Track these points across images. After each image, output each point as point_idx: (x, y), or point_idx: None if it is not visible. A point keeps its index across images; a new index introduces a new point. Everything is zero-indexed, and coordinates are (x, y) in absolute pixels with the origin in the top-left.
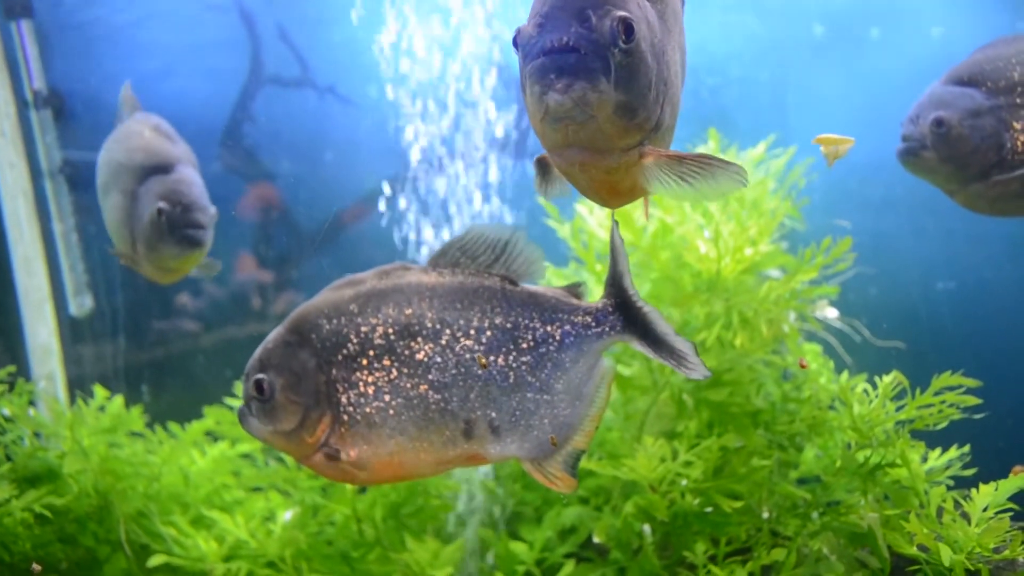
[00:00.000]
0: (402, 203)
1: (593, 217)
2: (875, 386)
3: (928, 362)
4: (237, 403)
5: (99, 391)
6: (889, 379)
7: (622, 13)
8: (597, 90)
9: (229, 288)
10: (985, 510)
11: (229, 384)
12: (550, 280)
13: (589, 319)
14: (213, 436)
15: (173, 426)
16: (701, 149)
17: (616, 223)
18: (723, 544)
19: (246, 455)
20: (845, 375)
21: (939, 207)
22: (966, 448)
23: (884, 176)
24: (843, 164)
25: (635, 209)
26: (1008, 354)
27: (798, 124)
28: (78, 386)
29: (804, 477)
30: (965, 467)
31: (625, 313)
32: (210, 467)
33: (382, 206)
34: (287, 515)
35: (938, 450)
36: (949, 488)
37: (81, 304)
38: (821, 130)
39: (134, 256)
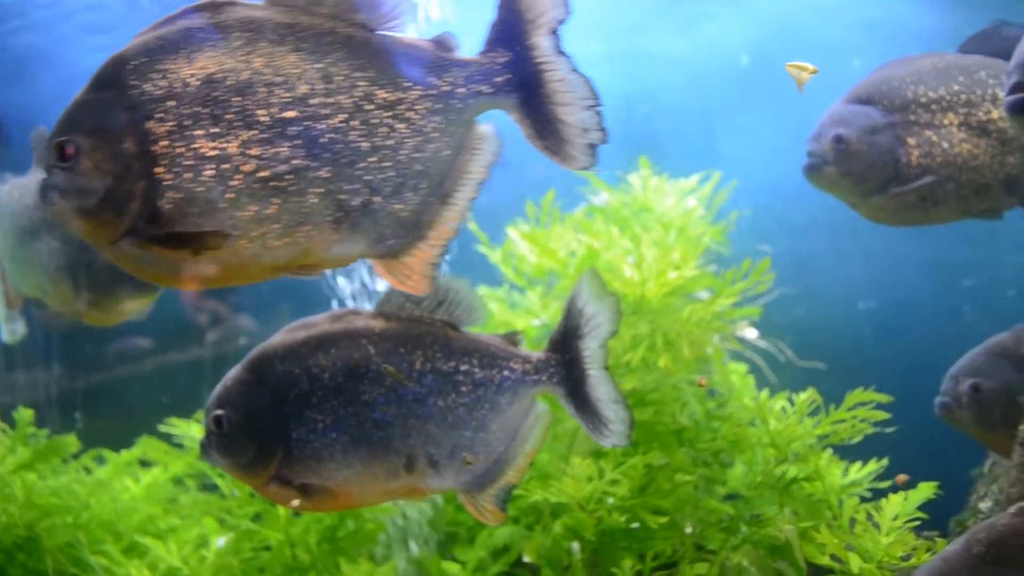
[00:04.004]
0: None
1: (524, 242)
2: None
3: (850, 378)
4: (170, 430)
5: (23, 417)
6: (805, 396)
7: None
8: None
9: (169, 315)
10: (895, 519)
11: (166, 411)
12: (486, 301)
13: (529, 367)
14: (150, 463)
15: (107, 454)
16: (633, 177)
17: (582, 282)
18: (649, 559)
19: (179, 481)
20: (765, 393)
21: (860, 230)
22: (884, 461)
23: (808, 201)
24: (769, 189)
25: (556, 240)
26: (926, 368)
27: (726, 152)
28: (9, 414)
29: (734, 493)
30: (891, 478)
31: (567, 369)
32: (143, 494)
33: None
34: (220, 541)
35: (859, 463)
36: (868, 499)
37: (13, 331)
38: (748, 158)
39: (75, 304)
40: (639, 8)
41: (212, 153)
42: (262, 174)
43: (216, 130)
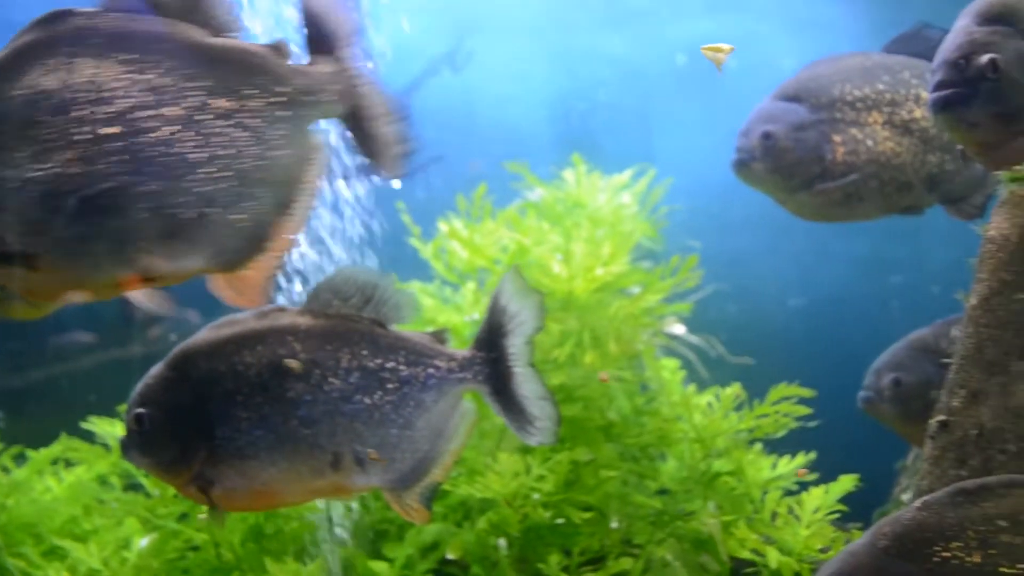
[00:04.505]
0: None
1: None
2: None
3: (782, 373)
4: (94, 428)
5: None
6: (730, 391)
7: None
8: None
9: (111, 310)
10: (816, 512)
11: (93, 409)
12: (419, 295)
13: (454, 364)
14: (74, 463)
15: (30, 453)
16: (567, 173)
17: (505, 279)
18: (576, 555)
19: (104, 481)
20: (692, 388)
21: (792, 228)
22: (812, 455)
23: (742, 198)
24: (704, 187)
25: (487, 236)
26: (855, 363)
27: (663, 149)
28: None
29: (665, 488)
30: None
31: (491, 367)
32: (66, 495)
33: None
34: (143, 542)
35: (788, 457)
36: (795, 492)
37: None
38: (684, 155)
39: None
40: (576, 5)
41: (34, 175)
42: (85, 193)
43: (37, 150)
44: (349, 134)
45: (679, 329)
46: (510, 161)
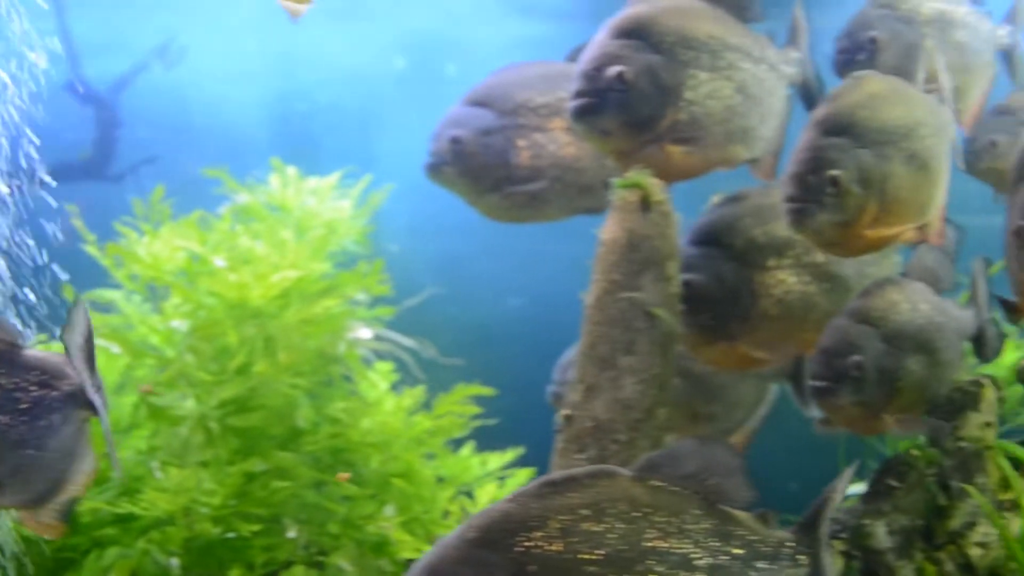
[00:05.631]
0: None
1: (143, 246)
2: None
3: (500, 372)
4: None
5: None
6: (415, 393)
7: None
8: None
9: None
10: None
11: None
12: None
13: (76, 385)
14: None
15: None
16: (274, 177)
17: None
18: (259, 567)
19: None
20: (380, 393)
21: (509, 230)
22: (521, 450)
23: (460, 202)
24: (424, 191)
25: (166, 243)
26: None
27: (384, 152)
28: None
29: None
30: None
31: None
32: None
33: None
34: None
35: (498, 453)
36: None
37: None
38: (405, 159)
39: None
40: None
41: None
42: None
43: None
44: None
45: (366, 334)
46: (225, 163)
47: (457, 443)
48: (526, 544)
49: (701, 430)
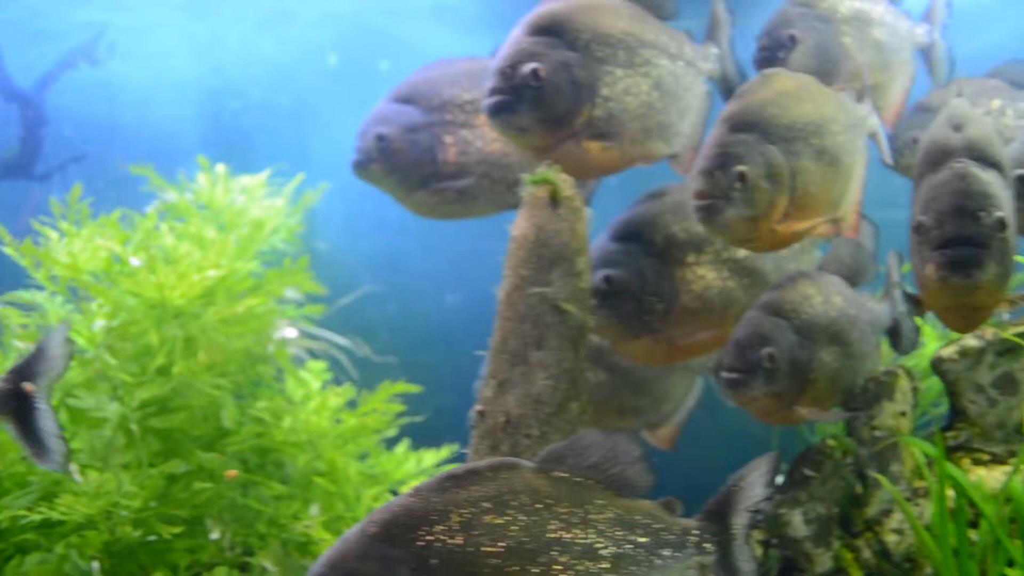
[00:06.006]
0: None
1: (62, 246)
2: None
3: (439, 369)
4: None
5: None
6: (342, 391)
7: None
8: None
9: None
10: None
11: None
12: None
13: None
14: None
15: None
16: (201, 175)
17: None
18: (183, 569)
19: None
20: (304, 392)
21: (446, 228)
22: (456, 446)
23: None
24: (360, 189)
25: (87, 242)
26: None
27: (318, 151)
28: None
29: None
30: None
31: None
32: None
33: None
34: None
35: (433, 450)
36: None
37: None
38: (340, 157)
39: None
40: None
41: None
42: None
43: None
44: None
45: (291, 333)
46: (156, 162)
47: (393, 441)
48: (427, 538)
49: (628, 424)
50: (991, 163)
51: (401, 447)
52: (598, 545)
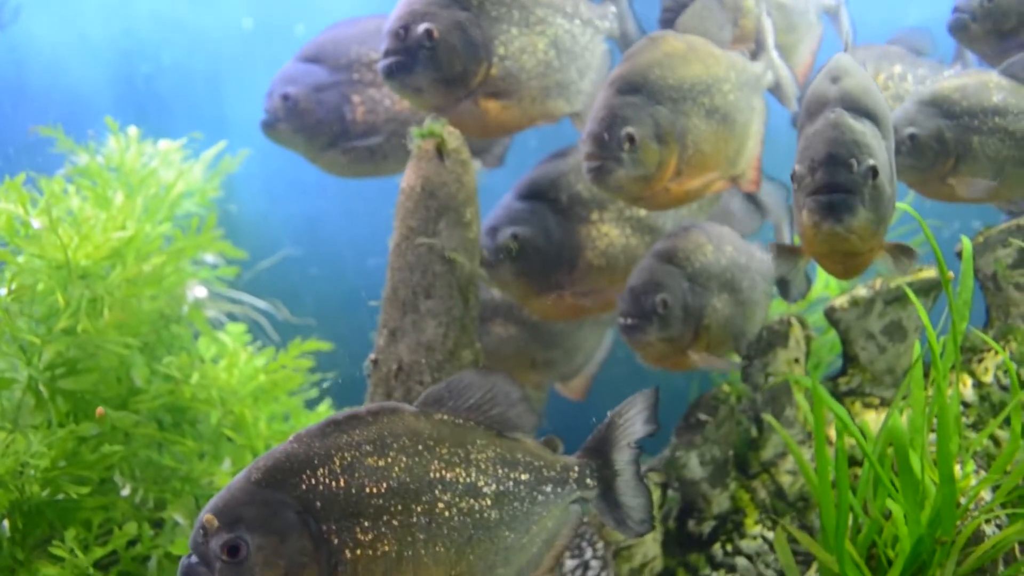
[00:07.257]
0: None
1: None
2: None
3: (363, 330)
4: None
5: None
6: (255, 350)
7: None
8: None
9: None
10: None
11: None
12: None
13: None
14: None
15: None
16: (112, 139)
17: None
18: (96, 527)
19: None
20: (215, 351)
21: (365, 191)
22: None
23: None
24: (279, 153)
25: None
26: None
27: (234, 114)
28: None
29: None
30: None
31: None
32: None
33: None
34: None
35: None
36: None
37: None
38: (257, 120)
39: None
40: None
41: None
42: None
43: None
44: None
45: (201, 292)
46: (67, 125)
47: (315, 403)
48: (311, 481)
49: (541, 376)
50: (865, 113)
51: (323, 406)
52: (480, 483)
